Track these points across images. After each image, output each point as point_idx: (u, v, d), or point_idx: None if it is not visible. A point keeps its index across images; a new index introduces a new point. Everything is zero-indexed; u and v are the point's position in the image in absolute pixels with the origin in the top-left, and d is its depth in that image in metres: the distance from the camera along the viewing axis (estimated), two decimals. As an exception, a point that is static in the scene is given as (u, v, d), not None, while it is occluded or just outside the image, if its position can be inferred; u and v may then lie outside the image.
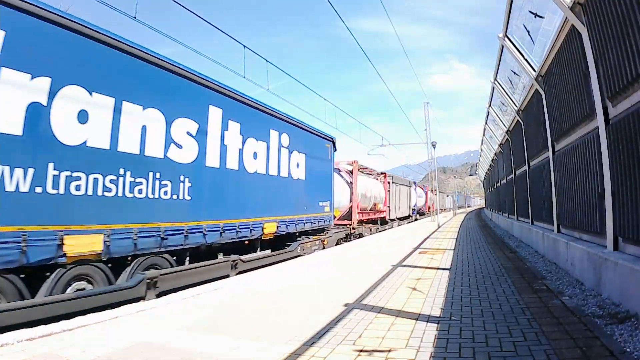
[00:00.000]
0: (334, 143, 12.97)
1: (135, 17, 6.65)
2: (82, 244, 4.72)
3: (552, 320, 3.51)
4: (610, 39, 4.05)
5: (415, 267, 6.85)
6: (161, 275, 5.74)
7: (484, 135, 19.87)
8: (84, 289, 4.89)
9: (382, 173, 21.47)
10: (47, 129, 4.44)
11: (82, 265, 4.88)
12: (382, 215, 20.98)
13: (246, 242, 8.29)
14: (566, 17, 5.17)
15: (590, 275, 4.73)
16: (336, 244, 12.87)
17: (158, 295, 5.47)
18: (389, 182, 22.00)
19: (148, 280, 5.47)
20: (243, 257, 7.82)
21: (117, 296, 5.01)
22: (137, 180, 5.48)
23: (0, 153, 3.97)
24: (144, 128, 5.66)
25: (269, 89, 10.17)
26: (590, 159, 5.13)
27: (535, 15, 6.52)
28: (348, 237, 14.91)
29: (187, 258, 6.64)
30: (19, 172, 4.12)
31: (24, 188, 4.16)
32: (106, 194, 5.05)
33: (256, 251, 8.66)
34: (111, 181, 5.12)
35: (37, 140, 4.34)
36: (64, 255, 4.56)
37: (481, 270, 6.34)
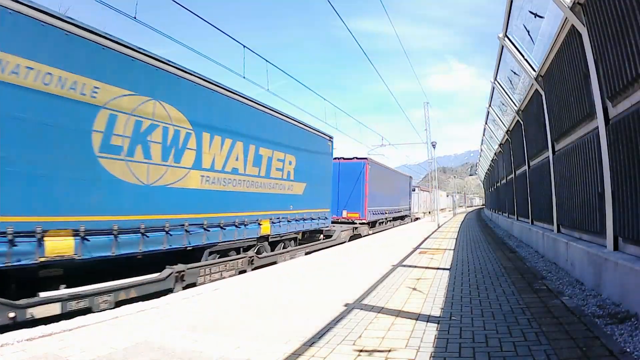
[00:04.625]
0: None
1: (135, 17, 6.65)
2: None
3: (552, 320, 3.52)
4: (610, 39, 4.05)
5: (415, 267, 6.85)
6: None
7: (484, 135, 19.88)
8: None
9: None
10: None
11: None
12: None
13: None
14: (566, 17, 5.17)
15: (590, 275, 4.73)
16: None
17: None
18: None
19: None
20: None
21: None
22: None
23: None
24: None
25: (269, 89, 10.17)
26: (590, 159, 5.13)
27: (535, 15, 6.52)
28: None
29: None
30: None
31: None
32: None
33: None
34: None
35: None
36: None
37: (481, 270, 6.34)
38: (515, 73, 9.37)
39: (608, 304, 3.91)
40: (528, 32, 7.16)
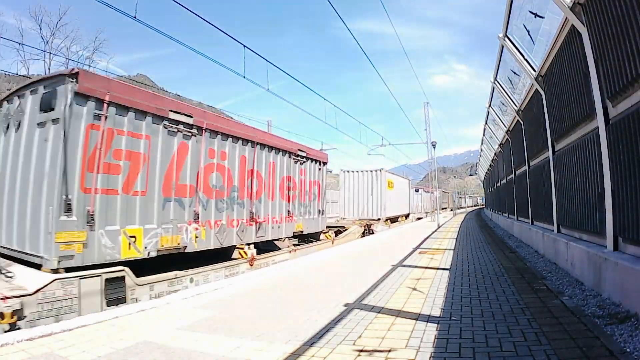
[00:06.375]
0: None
1: (135, 17, 6.66)
2: None
3: (552, 320, 3.51)
4: (610, 39, 4.05)
5: (415, 267, 6.85)
6: None
7: (484, 135, 19.87)
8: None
9: None
10: None
11: None
12: None
13: None
14: (566, 17, 5.18)
15: (590, 275, 4.73)
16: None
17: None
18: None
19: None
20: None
21: None
22: None
23: None
24: None
25: (269, 88, 10.18)
26: (590, 159, 5.13)
27: (535, 15, 6.52)
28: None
29: None
30: None
31: None
32: None
33: None
34: None
35: None
36: None
37: (481, 270, 6.34)
38: (515, 73, 9.37)
39: (608, 304, 3.91)
40: (528, 32, 7.16)
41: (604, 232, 4.58)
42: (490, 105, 14.18)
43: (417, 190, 31.66)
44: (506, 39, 8.02)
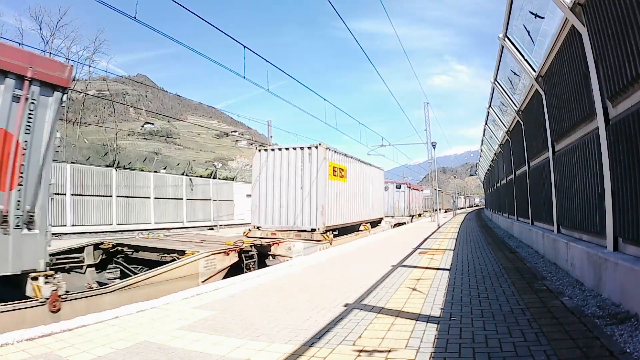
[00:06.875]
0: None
1: (135, 17, 6.67)
2: None
3: (552, 320, 3.51)
4: (610, 39, 4.05)
5: (415, 267, 6.86)
6: None
7: (484, 135, 19.87)
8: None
9: None
10: None
11: None
12: None
13: None
14: (566, 18, 5.18)
15: (590, 276, 4.73)
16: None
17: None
18: None
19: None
20: None
21: None
22: None
23: None
24: None
25: (269, 89, 10.20)
26: (590, 159, 5.13)
27: (536, 15, 6.52)
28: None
29: None
30: None
31: None
32: None
33: None
34: None
35: None
36: None
37: (481, 270, 6.34)
38: (515, 73, 9.37)
39: (608, 304, 3.91)
40: (528, 32, 7.16)
41: (604, 232, 4.58)
42: (490, 106, 14.17)
43: (398, 187, 23.46)
44: (506, 39, 8.02)
